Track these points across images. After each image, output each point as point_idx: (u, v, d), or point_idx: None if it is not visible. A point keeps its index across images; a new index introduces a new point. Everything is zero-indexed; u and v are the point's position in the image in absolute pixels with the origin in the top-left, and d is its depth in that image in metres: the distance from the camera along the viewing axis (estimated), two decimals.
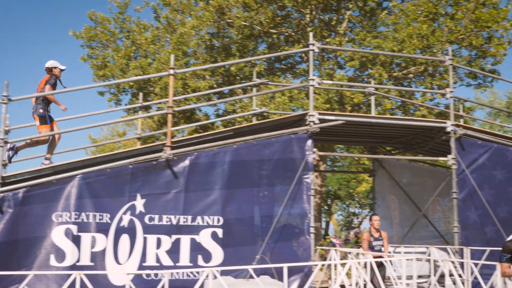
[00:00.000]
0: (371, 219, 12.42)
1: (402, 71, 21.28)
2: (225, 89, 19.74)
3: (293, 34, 22.26)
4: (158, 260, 10.37)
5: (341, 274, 10.20)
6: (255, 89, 15.24)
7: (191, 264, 10.51)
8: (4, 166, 10.02)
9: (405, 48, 19.47)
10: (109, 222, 10.18)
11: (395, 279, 11.14)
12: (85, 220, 10.02)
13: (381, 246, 12.09)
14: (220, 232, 10.80)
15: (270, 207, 11.34)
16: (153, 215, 10.44)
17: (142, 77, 18.74)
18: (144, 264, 10.27)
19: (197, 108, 22.16)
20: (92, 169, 10.24)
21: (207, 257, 10.67)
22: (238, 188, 11.11)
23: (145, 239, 10.34)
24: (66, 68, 11.17)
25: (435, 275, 11.39)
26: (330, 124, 11.82)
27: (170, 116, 10.96)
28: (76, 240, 9.90)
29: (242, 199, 11.14)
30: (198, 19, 21.12)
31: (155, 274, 10.10)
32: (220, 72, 21.40)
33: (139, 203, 10.39)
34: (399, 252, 14.53)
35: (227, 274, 10.19)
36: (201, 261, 10.60)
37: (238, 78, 21.46)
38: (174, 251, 10.49)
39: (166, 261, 10.40)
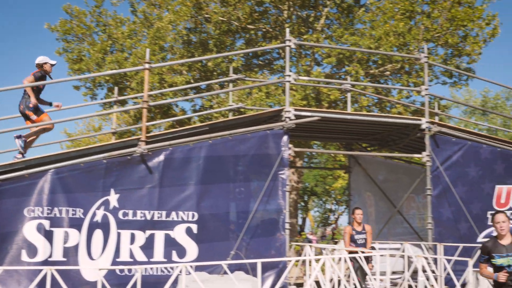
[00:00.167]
0: (353, 213, 12.18)
1: (378, 69, 21.39)
2: (201, 84, 19.65)
3: (270, 30, 22.24)
4: (132, 255, 10.30)
5: (315, 269, 10.20)
6: (232, 84, 15.19)
7: (165, 259, 10.46)
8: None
9: (381, 45, 19.56)
10: (82, 217, 10.08)
11: (369, 275, 11.21)
12: (57, 215, 9.91)
13: (364, 240, 11.87)
14: (194, 227, 10.75)
15: (245, 203, 11.32)
16: (127, 210, 10.37)
17: (118, 71, 18.57)
18: (117, 259, 10.19)
19: (173, 103, 22.04)
20: (65, 163, 10.13)
21: (182, 252, 10.62)
22: (213, 183, 11.07)
23: (118, 235, 10.26)
24: (56, 62, 11.14)
25: (409, 271, 11.46)
26: (306, 120, 11.83)
27: (145, 110, 10.88)
28: (48, 235, 9.79)
29: (217, 195, 11.10)
30: (175, 14, 20.96)
31: (129, 270, 10.04)
32: (197, 67, 21.30)
33: (113, 198, 10.30)
34: (374, 248, 14.61)
35: (202, 269, 10.14)
36: (175, 256, 10.55)
37: (215, 73, 21.38)
38: (148, 247, 10.43)
39: (140, 256, 10.34)
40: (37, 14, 70.43)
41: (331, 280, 11.50)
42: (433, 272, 11.58)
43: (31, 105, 10.62)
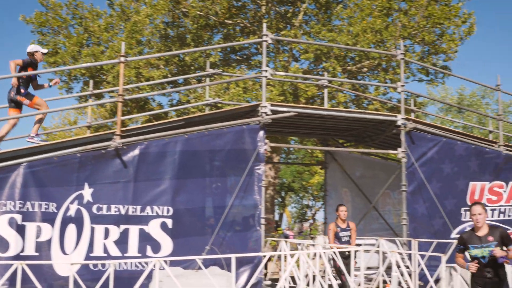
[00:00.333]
0: (338, 210, 12.23)
1: (356, 65, 21.47)
2: (178, 78, 19.54)
3: (248, 25, 22.20)
4: (105, 250, 10.21)
5: (290, 264, 10.20)
6: (209, 79, 15.12)
7: (140, 254, 10.38)
8: None
9: (359, 42, 19.63)
10: (55, 211, 9.95)
11: (344, 270, 11.26)
12: (30, 209, 9.76)
13: (348, 237, 11.89)
14: (169, 222, 10.69)
15: (221, 198, 11.28)
16: (101, 205, 10.26)
17: (93, 64, 18.39)
18: (91, 254, 10.09)
19: (150, 97, 21.89)
20: (38, 157, 9.99)
21: (156, 247, 10.55)
22: (188, 178, 11.01)
23: (92, 229, 10.16)
24: (48, 51, 11.17)
25: (383, 267, 11.51)
26: (282, 115, 11.82)
27: (120, 104, 10.78)
28: (20, 229, 9.63)
29: (193, 190, 11.05)
30: (153, 8, 20.81)
31: (102, 265, 9.94)
32: (174, 61, 21.17)
33: (87, 193, 10.19)
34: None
35: (177, 264, 10.09)
36: (150, 251, 10.48)
37: (192, 68, 21.27)
38: (122, 242, 10.33)
39: (114, 251, 10.24)
40: (12, 5, 69.48)
41: (306, 275, 11.52)
42: (407, 267, 11.65)
43: (23, 90, 10.75)
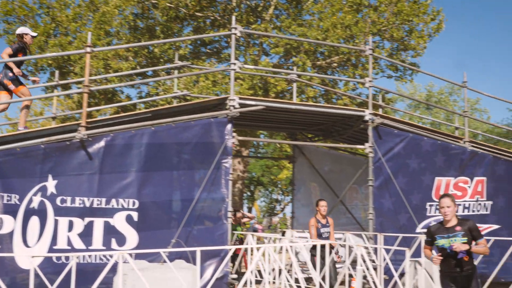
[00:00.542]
0: (318, 205, 11.85)
1: (325, 60, 21.53)
2: (146, 70, 19.33)
3: (219, 18, 22.09)
4: (69, 243, 10.06)
5: (255, 258, 10.19)
6: (177, 71, 15.00)
7: (104, 247, 10.26)
8: None
9: (329, 37, 19.69)
10: (18, 203, 9.76)
11: (310, 264, 11.29)
12: None
13: (328, 233, 11.65)
14: (135, 215, 10.58)
15: (188, 191, 11.20)
16: (65, 197, 10.10)
17: (60, 53, 18.10)
18: (54, 247, 9.93)
19: (118, 89, 21.65)
20: (0, 148, 9.78)
21: (121, 240, 10.44)
22: (155, 171, 10.91)
23: (56, 222, 10.00)
24: (37, 35, 11.14)
25: (349, 260, 11.57)
26: (250, 109, 11.78)
27: (85, 95, 10.62)
28: None
29: (159, 182, 10.95)
30: None
31: (66, 258, 9.79)
32: (143, 53, 20.98)
33: (51, 184, 10.02)
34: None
35: (143, 258, 10.00)
36: (114, 244, 10.37)
37: (162, 60, 21.11)
38: (86, 234, 10.20)
39: (78, 244, 10.10)
40: None
41: (273, 269, 11.53)
42: (373, 261, 11.74)
43: (11, 74, 10.69)
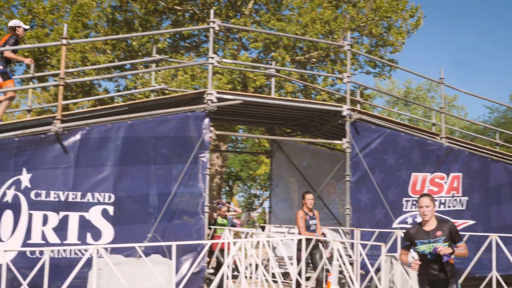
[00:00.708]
0: (304, 198, 11.46)
1: (304, 55, 21.55)
2: (124, 63, 19.20)
3: (198, 12, 21.99)
4: (44, 237, 9.95)
5: (232, 252, 10.18)
6: (155, 65, 14.90)
7: (79, 242, 10.17)
8: None
9: (308, 32, 19.70)
10: None
11: (287, 259, 11.31)
12: None
13: (315, 226, 11.41)
14: (111, 209, 10.50)
15: (164, 185, 11.14)
16: (39, 191, 9.99)
17: (36, 45, 17.88)
18: (28, 241, 9.82)
19: (95, 82, 21.43)
20: None
21: (97, 235, 10.35)
22: (131, 165, 10.83)
23: (30, 216, 9.88)
24: (29, 27, 11.05)
25: (326, 255, 11.60)
26: (228, 103, 11.73)
27: (61, 88, 10.50)
28: None
29: (136, 177, 10.87)
30: None
31: (40, 252, 9.67)
32: (121, 47, 20.80)
33: (25, 178, 9.90)
34: (293, 233, 14.75)
35: (119, 252, 9.94)
36: (90, 239, 10.28)
37: (140, 54, 20.95)
38: (61, 229, 10.09)
39: (53, 238, 10.00)
40: None
41: (250, 264, 11.53)
42: (349, 256, 11.79)
43: (1, 67, 10.82)
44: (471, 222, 14.23)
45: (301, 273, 10.52)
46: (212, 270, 12.62)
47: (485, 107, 78.52)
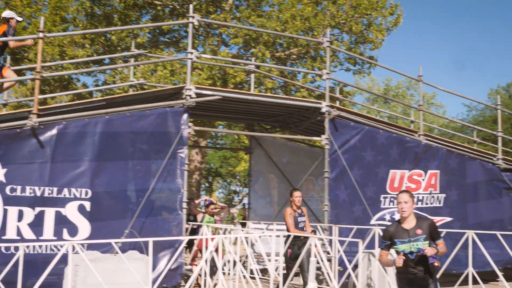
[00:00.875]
0: (292, 195, 11.12)
1: (284, 52, 21.54)
2: (103, 57, 19.02)
3: (178, 7, 21.86)
4: (19, 233, 9.81)
5: (209, 248, 10.15)
6: (133, 60, 14.77)
7: (56, 238, 10.05)
8: None
9: (288, 29, 19.70)
10: None
11: (265, 255, 11.30)
12: None
13: (303, 223, 11.09)
14: (87, 205, 10.39)
15: (142, 181, 11.05)
16: (15, 186, 9.84)
17: (12, 38, 17.57)
18: (3, 237, 9.67)
19: (74, 76, 21.22)
20: None
21: (73, 231, 10.24)
22: (109, 160, 10.72)
23: (5, 211, 9.74)
24: (22, 20, 11.01)
25: (304, 252, 11.60)
26: (207, 99, 11.67)
27: (37, 82, 10.37)
28: None
29: (113, 172, 10.76)
30: None
31: (15, 248, 9.53)
32: (100, 41, 20.62)
33: (0, 173, 9.76)
34: (272, 229, 14.75)
35: (96, 248, 9.85)
36: (66, 235, 10.16)
37: (119, 48, 20.79)
38: (37, 224, 9.96)
39: (28, 234, 9.87)
40: None
41: (229, 261, 11.50)
42: (328, 253, 11.81)
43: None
44: (449, 219, 14.34)
45: (290, 269, 10.48)
46: (190, 267, 12.59)
47: (463, 105, 79.29)
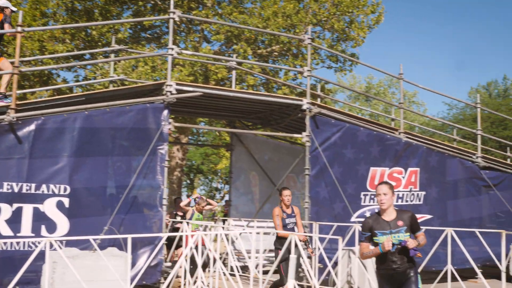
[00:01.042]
0: (281, 194, 10.78)
1: (266, 49, 21.53)
2: (83, 53, 18.85)
3: (159, 3, 21.74)
4: None
5: (189, 245, 10.12)
6: (114, 55, 14.67)
7: (33, 234, 9.94)
8: None
9: (269, 26, 19.68)
10: None
11: (245, 252, 11.29)
12: None
13: (294, 224, 10.67)
14: (66, 201, 10.29)
15: (122, 177, 10.97)
16: None
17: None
18: None
19: (54, 71, 21.00)
20: None
21: (52, 227, 10.14)
22: (88, 156, 10.63)
23: None
24: (17, 10, 11.25)
25: (284, 248, 11.60)
26: (188, 95, 11.62)
27: (15, 76, 10.25)
28: None
29: (93, 168, 10.67)
30: None
31: None
32: (81, 36, 20.44)
33: None
34: (252, 226, 14.76)
35: (74, 245, 9.77)
36: (44, 231, 10.06)
37: (100, 44, 20.62)
38: (15, 221, 9.84)
39: (5, 231, 9.75)
40: None
41: (208, 257, 11.46)
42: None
43: None
44: (428, 217, 14.44)
45: (287, 273, 10.23)
46: (169, 264, 12.54)
47: (444, 104, 79.99)
